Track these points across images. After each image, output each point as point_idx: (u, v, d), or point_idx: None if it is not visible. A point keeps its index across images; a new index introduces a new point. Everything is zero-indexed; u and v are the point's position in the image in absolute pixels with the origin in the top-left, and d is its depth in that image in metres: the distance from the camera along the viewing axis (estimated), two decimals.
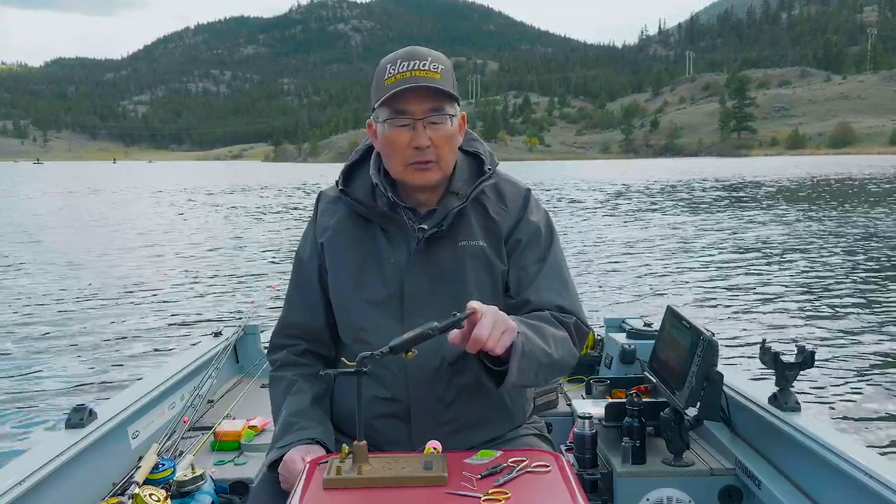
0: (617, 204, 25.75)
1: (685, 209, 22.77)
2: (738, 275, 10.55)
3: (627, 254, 12.90)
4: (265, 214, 23.66)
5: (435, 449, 1.35)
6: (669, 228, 17.05)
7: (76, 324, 8.01)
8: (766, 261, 11.86)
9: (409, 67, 1.49)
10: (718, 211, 21.95)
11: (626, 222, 18.81)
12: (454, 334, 1.34)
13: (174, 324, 7.96)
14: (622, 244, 14.22)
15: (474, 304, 1.34)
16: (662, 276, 10.60)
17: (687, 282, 10.07)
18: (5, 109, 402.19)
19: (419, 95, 1.50)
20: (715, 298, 8.89)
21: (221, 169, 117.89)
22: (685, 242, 14.41)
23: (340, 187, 1.65)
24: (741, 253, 12.82)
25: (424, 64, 1.50)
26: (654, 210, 22.69)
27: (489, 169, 1.64)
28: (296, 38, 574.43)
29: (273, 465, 1.54)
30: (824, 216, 19.37)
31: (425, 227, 1.57)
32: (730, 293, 9.19)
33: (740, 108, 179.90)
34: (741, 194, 30.17)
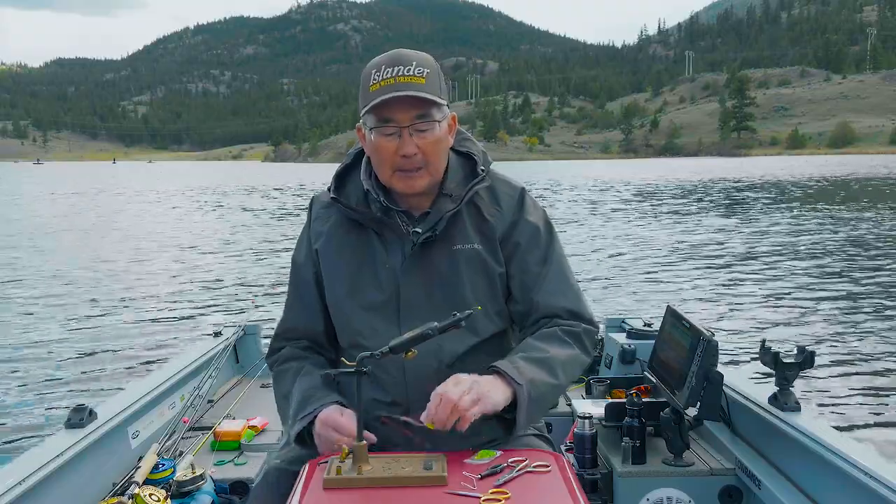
0: (617, 204, 25.74)
1: (685, 209, 22.76)
2: (739, 275, 10.55)
3: (628, 254, 12.90)
4: (265, 214, 23.67)
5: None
6: (670, 228, 17.05)
7: (76, 324, 8.01)
8: (766, 261, 11.86)
9: (394, 74, 1.46)
10: (718, 211, 21.94)
11: (626, 222, 18.80)
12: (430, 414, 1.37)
13: (174, 324, 7.96)
14: (622, 244, 14.22)
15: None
16: (663, 276, 10.59)
17: (687, 282, 10.07)
18: (5, 110, 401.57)
19: (404, 103, 1.47)
20: (715, 298, 8.89)
21: (221, 169, 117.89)
22: (685, 242, 14.40)
23: (332, 195, 1.64)
24: (741, 253, 12.82)
25: (409, 69, 1.47)
26: (655, 210, 22.68)
27: (482, 170, 1.63)
28: (296, 38, 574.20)
29: (298, 439, 1.53)
30: (825, 216, 19.37)
31: (419, 230, 1.56)
32: (730, 293, 9.19)
33: (740, 108, 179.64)
34: (741, 194, 30.16)
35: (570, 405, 2.60)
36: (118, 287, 10.27)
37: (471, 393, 1.37)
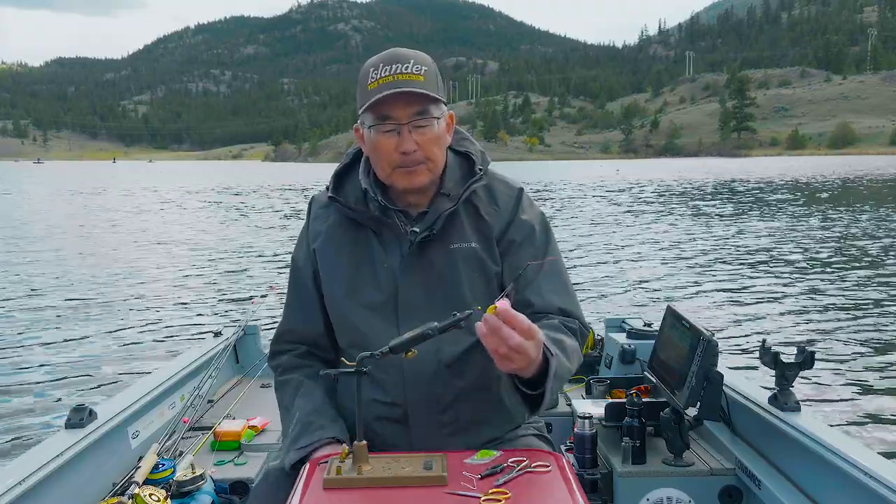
0: (618, 204, 25.74)
1: (686, 209, 22.76)
2: (739, 275, 10.54)
3: (628, 254, 12.90)
4: (265, 214, 23.66)
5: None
6: (670, 228, 17.05)
7: (76, 324, 8.00)
8: (766, 261, 11.85)
9: (392, 71, 1.46)
10: (719, 211, 21.94)
11: (626, 222, 18.80)
12: (480, 327, 1.25)
13: (174, 324, 7.95)
14: (623, 244, 14.22)
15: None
16: (663, 276, 10.59)
17: (687, 282, 10.07)
18: (5, 109, 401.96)
19: (403, 100, 1.47)
20: (715, 298, 8.88)
21: (222, 169, 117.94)
22: (686, 242, 14.40)
23: (330, 194, 1.64)
24: (741, 253, 12.81)
25: (407, 67, 1.47)
26: (655, 210, 22.68)
27: (480, 170, 1.62)
28: (296, 38, 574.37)
29: (294, 466, 1.52)
30: (825, 216, 19.36)
31: (417, 230, 1.55)
32: (730, 293, 9.18)
33: (740, 108, 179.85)
34: (742, 195, 30.16)
35: (570, 405, 2.60)
36: (118, 287, 10.26)
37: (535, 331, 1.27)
